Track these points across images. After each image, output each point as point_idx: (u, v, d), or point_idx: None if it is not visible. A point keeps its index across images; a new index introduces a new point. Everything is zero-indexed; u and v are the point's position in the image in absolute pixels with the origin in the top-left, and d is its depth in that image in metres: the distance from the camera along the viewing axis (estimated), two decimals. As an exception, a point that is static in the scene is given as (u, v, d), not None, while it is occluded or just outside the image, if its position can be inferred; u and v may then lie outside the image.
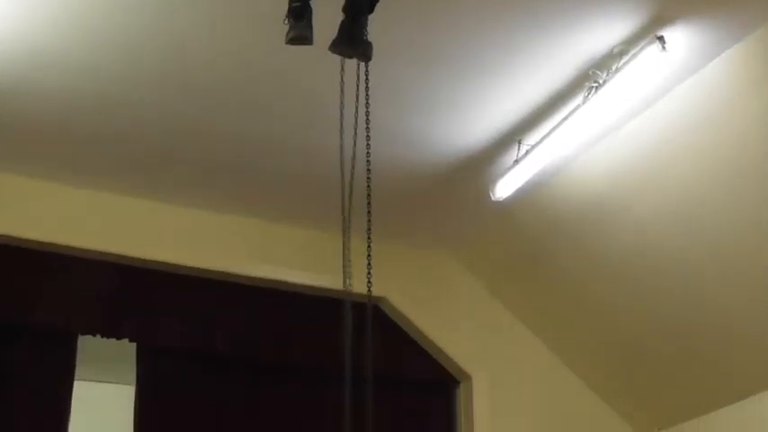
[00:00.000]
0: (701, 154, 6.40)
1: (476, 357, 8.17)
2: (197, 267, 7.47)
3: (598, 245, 7.43)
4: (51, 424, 6.98)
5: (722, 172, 6.41)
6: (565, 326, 8.27)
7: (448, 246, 8.16)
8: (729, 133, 6.18)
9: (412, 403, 8.01)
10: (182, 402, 7.39)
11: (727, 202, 6.54)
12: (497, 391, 8.13)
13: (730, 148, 6.26)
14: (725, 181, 6.44)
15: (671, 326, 7.59)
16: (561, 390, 8.39)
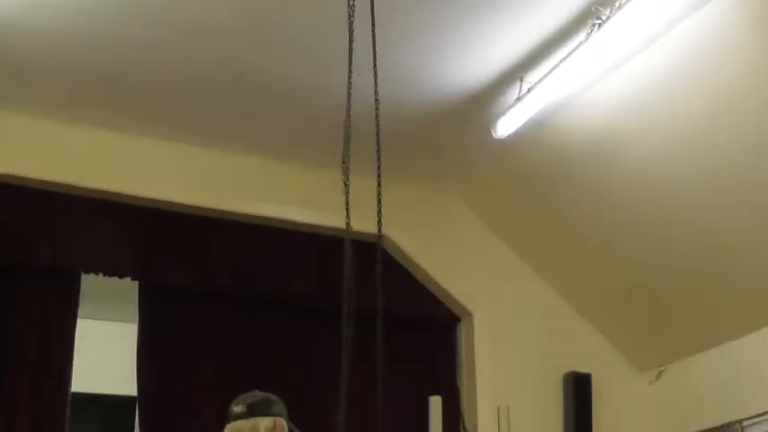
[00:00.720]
0: (704, 90, 6.37)
1: (477, 295, 8.20)
2: (198, 206, 7.47)
3: (600, 183, 7.43)
4: (55, 362, 7.02)
5: (725, 109, 6.39)
6: (566, 263, 8.29)
7: (450, 184, 8.16)
8: (733, 71, 6.15)
9: (413, 341, 8.05)
10: (183, 339, 7.44)
11: (729, 139, 6.53)
12: (498, 329, 8.17)
13: (734, 86, 6.24)
14: (727, 118, 6.42)
15: (672, 264, 7.61)
16: (562, 327, 8.43)
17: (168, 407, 7.22)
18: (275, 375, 7.49)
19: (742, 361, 7.68)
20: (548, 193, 7.77)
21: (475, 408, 7.93)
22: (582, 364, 8.34)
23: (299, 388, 7.61)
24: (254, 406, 4.12)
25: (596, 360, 8.43)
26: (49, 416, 6.92)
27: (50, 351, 7.03)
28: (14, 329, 6.97)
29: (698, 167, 6.85)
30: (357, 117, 4.35)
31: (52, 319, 7.10)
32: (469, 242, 8.28)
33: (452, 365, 8.17)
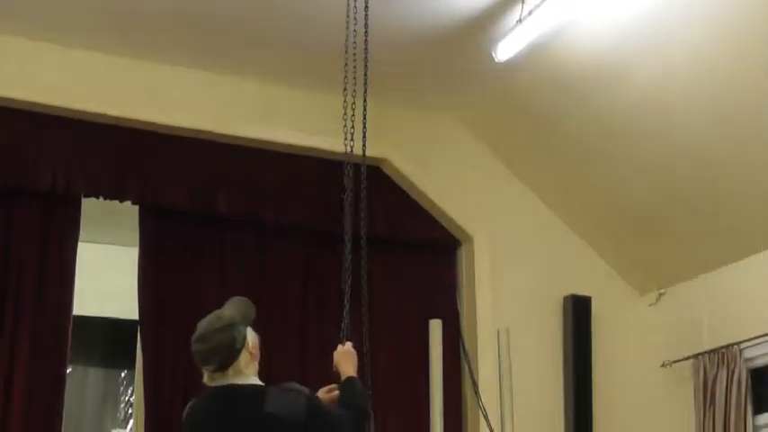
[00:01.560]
0: (704, 14, 6.32)
1: (478, 218, 8.20)
2: (198, 129, 7.45)
3: (601, 106, 7.40)
4: (57, 286, 7.05)
5: (727, 34, 6.34)
6: (567, 187, 8.28)
7: (451, 108, 8.12)
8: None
9: (413, 264, 8.07)
10: (185, 263, 7.46)
11: (730, 62, 6.50)
12: (499, 252, 8.18)
13: (734, 10, 6.18)
14: (730, 42, 6.38)
15: (673, 185, 7.60)
16: (563, 250, 8.44)
17: (169, 330, 7.26)
18: (276, 297, 7.53)
19: (742, 284, 7.71)
20: (549, 116, 7.74)
21: (475, 331, 7.97)
22: (582, 287, 8.36)
23: (299, 309, 7.66)
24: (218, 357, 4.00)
25: (596, 283, 8.45)
26: (50, 340, 6.96)
27: (51, 275, 7.05)
28: (15, 254, 6.99)
29: (699, 91, 6.82)
30: (358, 41, 4.33)
31: (53, 243, 7.11)
32: (470, 166, 8.27)
33: (453, 289, 8.20)
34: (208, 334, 4.00)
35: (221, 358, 3.95)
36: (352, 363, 4.25)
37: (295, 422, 3.86)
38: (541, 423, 7.93)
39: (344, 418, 3.95)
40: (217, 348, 3.95)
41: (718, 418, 7.58)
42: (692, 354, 7.91)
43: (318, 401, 3.96)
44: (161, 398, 7.15)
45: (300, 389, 4.00)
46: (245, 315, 4.10)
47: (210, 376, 4.00)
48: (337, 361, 4.28)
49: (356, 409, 4.00)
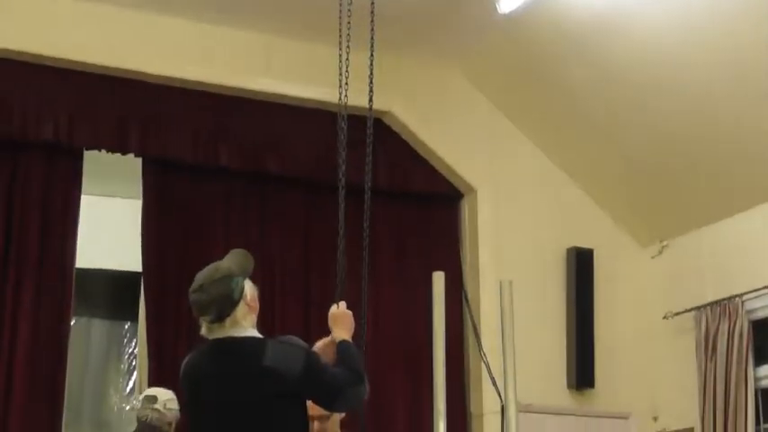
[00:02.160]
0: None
1: (480, 170, 8.19)
2: (201, 81, 7.43)
3: (603, 57, 7.37)
4: (59, 239, 7.06)
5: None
6: (570, 139, 8.27)
7: (453, 60, 8.09)
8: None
9: (416, 216, 8.08)
10: (187, 215, 7.46)
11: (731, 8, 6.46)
12: (501, 204, 8.18)
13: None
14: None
15: (675, 138, 7.59)
16: (565, 203, 8.44)
17: (172, 282, 7.28)
18: (277, 247, 7.54)
19: (744, 235, 7.71)
20: (551, 67, 7.71)
21: (477, 283, 7.99)
22: (584, 240, 8.37)
23: (301, 260, 7.67)
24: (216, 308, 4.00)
25: (599, 235, 8.46)
26: (54, 291, 6.98)
27: (54, 228, 7.06)
28: (18, 207, 6.99)
29: (702, 39, 6.79)
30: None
31: (56, 196, 7.12)
32: (473, 118, 8.25)
33: (455, 241, 8.21)
34: (205, 284, 3.98)
35: (218, 309, 3.93)
36: (344, 325, 4.23)
37: (292, 377, 3.85)
38: (544, 375, 7.97)
39: (341, 377, 3.95)
40: (214, 299, 3.93)
41: (720, 369, 7.61)
42: (693, 306, 7.93)
43: (316, 357, 3.95)
44: (164, 349, 7.18)
45: (299, 344, 3.98)
46: (243, 267, 4.08)
47: (208, 328, 4.00)
48: (331, 323, 4.27)
49: (352, 371, 4.00)
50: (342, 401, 4.05)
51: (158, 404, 5.38)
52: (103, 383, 9.51)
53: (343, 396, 4.01)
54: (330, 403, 4.11)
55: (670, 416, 8.13)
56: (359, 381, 4.03)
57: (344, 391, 4.00)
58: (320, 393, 4.00)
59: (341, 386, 3.99)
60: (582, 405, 8.20)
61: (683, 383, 7.95)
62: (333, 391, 3.99)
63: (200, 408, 4.03)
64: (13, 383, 6.72)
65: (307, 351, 3.97)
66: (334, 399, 4.03)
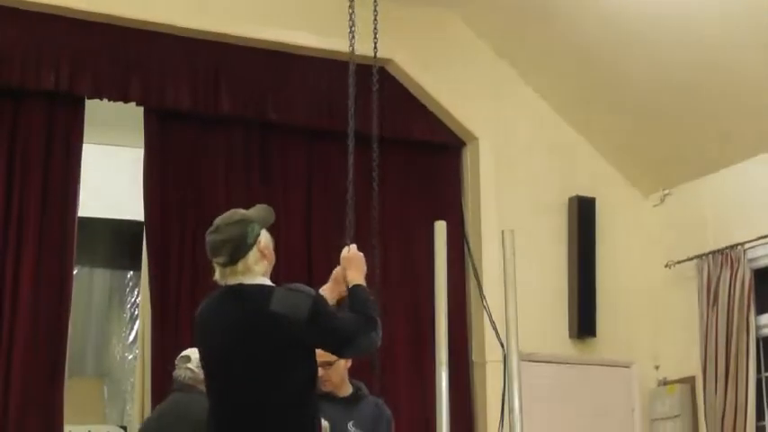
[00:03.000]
0: None
1: (482, 119, 8.17)
2: (202, 30, 7.39)
3: (609, 5, 7.31)
4: (62, 188, 7.05)
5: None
6: (572, 88, 8.23)
7: (455, 7, 8.04)
8: None
9: (418, 165, 8.06)
10: (189, 164, 7.45)
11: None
12: (504, 153, 8.16)
13: None
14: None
15: (678, 87, 7.56)
16: (568, 152, 8.41)
17: (175, 230, 7.28)
18: (281, 196, 7.53)
19: (747, 184, 7.70)
20: (555, 16, 7.66)
21: (479, 232, 7.99)
22: (587, 188, 8.36)
23: (303, 209, 7.67)
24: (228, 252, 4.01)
25: (601, 184, 8.45)
26: (56, 241, 6.98)
27: (56, 176, 7.05)
28: (20, 156, 6.98)
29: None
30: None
31: (58, 144, 7.09)
32: (475, 66, 8.20)
33: (457, 190, 8.20)
34: (222, 225, 3.99)
35: (230, 251, 3.94)
36: (357, 268, 4.22)
37: (298, 323, 3.86)
38: (546, 324, 7.99)
39: (351, 323, 3.95)
40: (227, 240, 3.94)
41: (721, 317, 7.63)
42: (695, 254, 7.94)
43: (323, 304, 3.96)
44: (167, 298, 7.20)
45: (307, 290, 3.99)
46: (263, 217, 4.09)
47: (221, 272, 4.00)
48: (343, 267, 4.26)
49: (365, 317, 4.00)
50: (352, 348, 4.06)
51: (192, 363, 5.40)
52: (106, 333, 9.55)
53: (353, 343, 4.01)
54: (338, 349, 4.12)
55: (671, 364, 8.16)
56: (371, 327, 4.03)
57: (355, 338, 4.00)
58: (327, 339, 4.00)
59: (351, 333, 3.99)
60: (583, 354, 8.22)
61: (684, 332, 7.97)
62: (341, 337, 3.99)
63: (210, 355, 4.04)
64: (15, 333, 6.74)
65: (314, 297, 3.98)
66: (343, 345, 4.04)
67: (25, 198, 6.94)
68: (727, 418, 7.48)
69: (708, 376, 7.68)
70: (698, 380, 7.86)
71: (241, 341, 3.92)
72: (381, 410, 5.28)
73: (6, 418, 6.60)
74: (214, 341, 4.00)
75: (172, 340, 7.07)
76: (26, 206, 6.93)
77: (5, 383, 6.65)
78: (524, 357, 5.16)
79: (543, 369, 7.89)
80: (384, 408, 5.30)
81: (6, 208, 6.88)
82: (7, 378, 6.67)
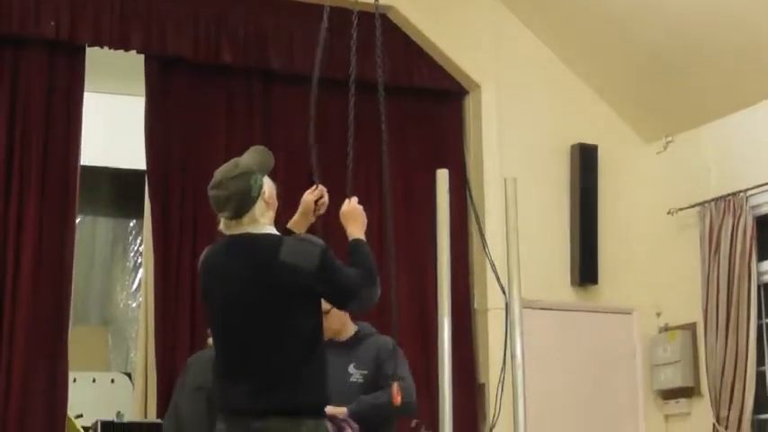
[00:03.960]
0: None
1: (485, 66, 8.13)
2: (202, -23, 7.36)
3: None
4: (64, 137, 7.05)
5: None
6: (575, 34, 8.19)
7: (457, -47, 7.99)
8: None
9: (420, 113, 8.04)
10: (191, 113, 7.44)
11: None
12: (506, 101, 8.13)
13: None
14: None
15: (682, 34, 7.52)
16: (571, 99, 8.39)
17: (177, 179, 7.28)
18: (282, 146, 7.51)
19: (750, 131, 7.69)
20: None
21: (481, 180, 7.99)
22: (589, 136, 8.35)
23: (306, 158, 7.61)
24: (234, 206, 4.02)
25: (603, 131, 8.43)
26: (58, 190, 6.99)
27: (58, 125, 7.04)
28: (21, 105, 6.96)
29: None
30: None
31: (59, 93, 7.08)
32: (477, 13, 8.16)
33: (459, 138, 8.18)
34: (224, 180, 3.98)
35: (236, 205, 3.94)
36: (357, 222, 4.23)
37: (307, 272, 3.88)
38: (548, 271, 8.01)
39: (355, 278, 3.97)
40: (232, 195, 3.94)
41: (723, 264, 7.65)
42: (697, 201, 7.94)
43: (331, 255, 3.97)
44: (170, 246, 7.22)
45: (316, 240, 4.01)
46: (263, 164, 4.08)
47: (226, 224, 4.01)
48: (343, 220, 4.27)
49: (366, 272, 4.02)
50: (355, 301, 4.09)
51: None
52: (109, 281, 9.59)
53: (356, 297, 4.04)
54: (343, 303, 4.16)
55: (673, 311, 8.19)
56: (373, 282, 4.06)
57: (359, 292, 4.03)
58: (334, 292, 4.02)
59: (355, 287, 4.01)
60: (585, 301, 8.26)
61: (686, 279, 7.99)
62: (347, 291, 4.02)
63: (216, 303, 4.06)
64: (19, 282, 6.77)
65: (323, 248, 3.99)
66: (347, 298, 4.07)
67: (27, 147, 6.94)
68: (728, 364, 7.52)
69: (709, 323, 7.71)
70: (699, 326, 7.89)
71: (251, 290, 3.94)
72: (383, 343, 5.28)
73: (11, 366, 6.65)
74: (222, 290, 4.01)
75: (174, 288, 7.11)
76: (28, 155, 6.92)
77: (10, 332, 6.69)
78: (526, 305, 5.17)
79: (545, 316, 7.92)
80: (386, 340, 5.28)
81: (8, 157, 6.88)
82: (12, 327, 6.71)
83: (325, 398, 4.01)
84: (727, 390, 7.51)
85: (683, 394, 8.05)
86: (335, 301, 4.17)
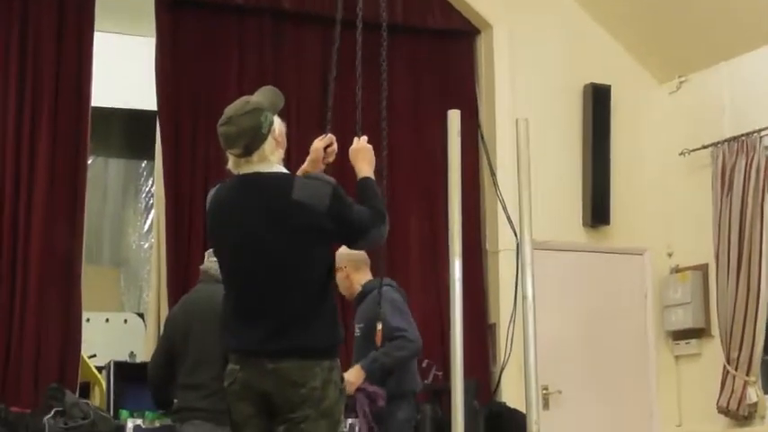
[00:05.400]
0: None
1: (496, 6, 8.08)
2: None
3: None
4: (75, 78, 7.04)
5: None
6: (588, -27, 8.14)
7: None
8: None
9: (432, 54, 8.01)
10: (202, 53, 7.42)
11: None
12: (518, 41, 8.08)
13: None
14: None
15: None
16: (583, 38, 8.33)
17: (188, 120, 7.28)
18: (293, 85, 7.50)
19: (763, 71, 7.64)
20: None
21: (493, 121, 7.96)
22: (602, 76, 8.30)
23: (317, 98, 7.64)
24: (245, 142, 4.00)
25: (616, 71, 8.38)
26: (70, 131, 7.00)
27: (69, 66, 7.03)
28: (32, 45, 6.94)
29: None
30: None
31: (70, 33, 7.06)
32: (490, -50, 8.09)
33: (471, 79, 8.15)
34: (234, 117, 3.96)
35: (246, 142, 3.92)
36: (366, 160, 4.22)
37: (320, 211, 3.89)
38: (560, 212, 8.01)
39: (365, 216, 3.98)
40: (242, 132, 3.92)
41: (735, 205, 7.63)
42: (711, 142, 7.90)
43: (343, 194, 3.97)
44: (181, 187, 7.24)
45: (326, 179, 4.01)
46: (273, 103, 4.06)
47: (236, 162, 3.99)
48: (352, 158, 4.26)
49: (375, 210, 4.02)
50: (364, 240, 4.09)
51: None
52: (121, 222, 9.60)
53: (366, 235, 4.05)
54: (353, 242, 4.16)
55: (685, 252, 8.19)
56: (381, 221, 4.06)
57: (368, 230, 4.04)
58: (345, 230, 4.02)
59: (365, 225, 4.02)
60: (597, 242, 8.26)
61: (698, 220, 7.98)
62: (357, 229, 4.02)
63: (228, 243, 4.04)
64: (32, 223, 6.79)
65: (334, 186, 3.99)
66: (357, 236, 4.07)
67: (38, 87, 6.94)
68: (739, 305, 7.53)
69: (720, 263, 7.71)
70: (710, 267, 7.90)
71: (264, 230, 3.93)
72: (375, 297, 5.46)
73: (26, 306, 6.69)
74: (234, 230, 4.00)
75: (186, 229, 7.13)
76: (39, 96, 6.93)
77: (24, 273, 6.73)
78: (537, 246, 5.17)
79: (556, 257, 7.92)
80: (383, 292, 5.42)
81: (19, 98, 6.88)
82: (25, 267, 6.74)
83: (338, 339, 4.02)
84: (738, 331, 7.53)
85: (693, 335, 8.07)
86: (345, 240, 4.18)
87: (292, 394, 3.85)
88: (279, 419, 3.88)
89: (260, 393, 3.88)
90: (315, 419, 3.85)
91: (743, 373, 7.49)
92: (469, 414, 6.26)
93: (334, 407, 3.93)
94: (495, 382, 7.66)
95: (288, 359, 3.87)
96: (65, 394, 6.22)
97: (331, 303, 4.03)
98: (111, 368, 6.47)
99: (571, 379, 7.88)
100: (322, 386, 3.87)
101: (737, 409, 7.51)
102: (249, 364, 3.91)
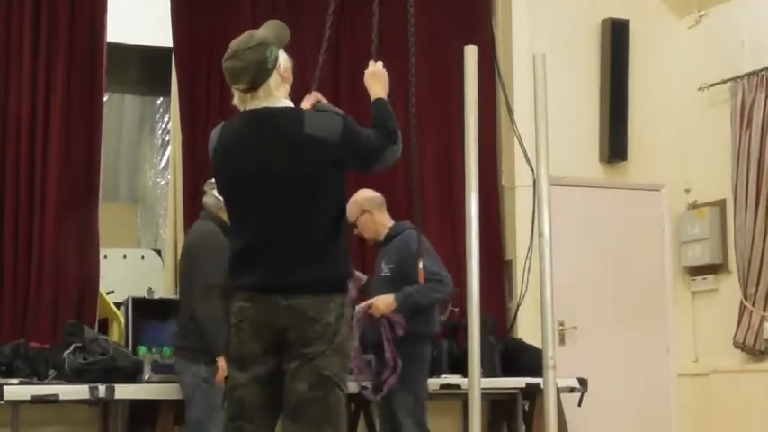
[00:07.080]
0: None
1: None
2: None
3: None
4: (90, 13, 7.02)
5: None
6: None
7: None
8: None
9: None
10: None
11: None
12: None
13: None
14: None
15: None
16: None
17: (203, 57, 7.25)
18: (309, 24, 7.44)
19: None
20: None
21: (510, 57, 7.91)
22: (620, 10, 8.22)
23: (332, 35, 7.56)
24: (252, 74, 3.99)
25: (635, 5, 8.30)
26: (86, 67, 6.98)
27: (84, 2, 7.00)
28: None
29: None
30: None
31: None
32: None
33: (488, 13, 8.08)
34: (240, 51, 3.94)
35: (252, 77, 3.90)
36: (380, 83, 4.23)
37: (332, 142, 3.89)
38: (576, 148, 7.98)
39: (377, 138, 3.99)
40: (248, 65, 3.90)
41: (754, 141, 7.59)
42: (730, 77, 7.85)
43: (352, 122, 3.97)
44: (197, 125, 7.22)
45: (335, 110, 4.01)
46: (279, 37, 4.03)
47: (241, 98, 3.97)
48: (366, 81, 4.25)
49: (387, 130, 4.02)
50: (379, 161, 4.10)
51: (216, 190, 5.45)
52: (138, 158, 9.61)
53: (380, 156, 4.07)
54: (368, 165, 4.16)
55: (702, 188, 8.16)
56: (395, 140, 4.09)
57: (382, 152, 4.06)
58: (359, 156, 4.03)
59: (378, 147, 4.04)
60: (614, 178, 8.23)
61: (716, 156, 7.95)
62: (370, 153, 4.04)
63: (238, 180, 4.01)
64: (48, 160, 6.80)
65: (343, 116, 3.99)
66: (371, 160, 4.08)
67: (53, 24, 6.91)
68: (757, 241, 7.52)
69: (738, 199, 7.68)
70: (728, 203, 7.87)
71: (277, 164, 3.91)
72: (407, 239, 5.81)
73: (43, 242, 6.72)
74: (243, 166, 3.97)
75: (202, 165, 7.11)
76: (54, 32, 6.91)
77: (41, 209, 6.76)
78: (554, 182, 5.16)
79: (573, 193, 7.91)
80: (412, 235, 5.68)
81: (35, 35, 6.86)
82: (43, 205, 6.77)
83: (349, 272, 4.07)
84: (756, 266, 7.53)
85: (710, 271, 8.06)
86: (360, 165, 4.20)
87: (308, 330, 3.87)
88: (290, 355, 3.89)
89: (273, 330, 3.89)
90: (328, 356, 3.88)
91: (759, 308, 7.50)
92: (486, 349, 6.32)
93: (346, 342, 3.96)
94: (512, 318, 7.68)
95: (303, 295, 3.88)
96: (83, 330, 6.27)
97: (344, 238, 4.04)
98: (130, 304, 6.50)
99: (587, 315, 7.89)
100: (335, 321, 3.90)
101: (754, 344, 7.53)
102: (261, 301, 3.91)
